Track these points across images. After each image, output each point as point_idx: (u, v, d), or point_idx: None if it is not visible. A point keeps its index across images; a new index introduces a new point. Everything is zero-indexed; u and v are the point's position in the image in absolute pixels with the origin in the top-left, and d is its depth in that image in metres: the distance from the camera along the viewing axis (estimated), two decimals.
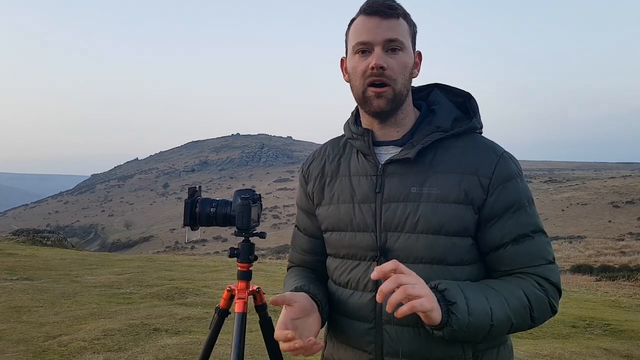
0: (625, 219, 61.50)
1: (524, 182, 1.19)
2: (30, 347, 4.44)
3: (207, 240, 76.25)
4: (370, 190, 1.21)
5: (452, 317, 1.01)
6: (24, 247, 14.40)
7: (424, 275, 1.11)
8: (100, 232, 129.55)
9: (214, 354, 1.77)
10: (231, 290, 1.66)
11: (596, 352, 4.94)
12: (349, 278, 1.23)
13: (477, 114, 1.24)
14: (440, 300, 1.02)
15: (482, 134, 1.26)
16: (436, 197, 1.14)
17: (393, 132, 1.23)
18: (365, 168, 1.23)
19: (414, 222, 1.14)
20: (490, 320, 1.04)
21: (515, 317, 1.08)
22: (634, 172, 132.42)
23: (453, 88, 1.30)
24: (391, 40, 1.14)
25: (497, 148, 1.19)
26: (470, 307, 1.02)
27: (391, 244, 1.17)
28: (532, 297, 1.10)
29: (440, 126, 1.20)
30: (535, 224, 1.16)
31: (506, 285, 1.11)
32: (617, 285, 12.95)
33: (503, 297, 1.07)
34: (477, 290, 1.07)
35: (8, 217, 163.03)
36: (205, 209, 1.57)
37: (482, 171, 1.15)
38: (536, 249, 1.14)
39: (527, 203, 1.16)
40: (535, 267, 1.13)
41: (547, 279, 1.13)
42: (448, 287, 1.04)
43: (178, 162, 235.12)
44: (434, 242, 1.13)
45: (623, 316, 7.19)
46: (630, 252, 31.16)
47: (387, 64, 1.14)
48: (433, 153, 1.19)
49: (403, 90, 1.18)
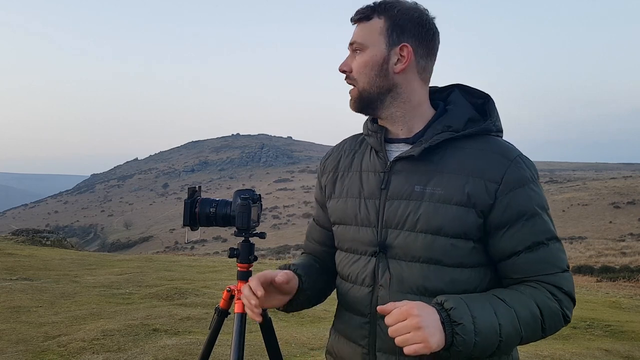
0: (626, 220, 61.49)
1: (539, 188, 1.16)
2: (29, 347, 4.43)
3: (207, 240, 76.25)
4: (377, 187, 1.22)
5: (457, 338, 0.99)
6: (23, 247, 14.39)
7: (420, 274, 1.14)
8: (100, 232, 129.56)
9: (213, 355, 1.76)
10: (231, 291, 1.65)
11: (597, 353, 4.93)
12: (350, 271, 1.26)
13: (494, 116, 1.22)
14: (445, 320, 1.00)
15: (501, 137, 1.23)
16: (439, 198, 1.13)
17: (397, 129, 1.24)
18: (375, 164, 1.25)
19: (414, 220, 1.15)
20: (498, 337, 1.03)
21: (526, 330, 1.06)
22: (634, 172, 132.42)
23: (472, 89, 1.28)
24: (351, 44, 1.23)
25: (510, 152, 1.16)
26: (478, 326, 1.01)
27: (391, 241, 1.17)
28: (544, 309, 1.08)
29: (452, 126, 1.18)
30: (549, 231, 1.14)
31: (518, 296, 1.09)
32: (618, 286, 12.95)
33: (514, 311, 1.05)
34: (486, 304, 1.05)
35: (7, 217, 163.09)
36: (205, 209, 1.57)
37: (489, 175, 1.12)
38: (550, 257, 1.12)
39: (541, 210, 1.13)
40: (549, 275, 1.12)
41: (561, 288, 1.11)
42: (455, 306, 1.02)
43: (178, 162, 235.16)
44: (433, 242, 1.13)
45: (624, 317, 7.18)
46: (631, 253, 31.17)
47: (347, 67, 1.23)
48: (442, 153, 1.18)
49: (370, 88, 1.20)
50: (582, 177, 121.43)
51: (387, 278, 1.18)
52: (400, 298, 1.13)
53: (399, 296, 1.15)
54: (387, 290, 1.18)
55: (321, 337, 4.95)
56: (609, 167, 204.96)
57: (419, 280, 1.14)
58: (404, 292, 1.15)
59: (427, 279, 1.13)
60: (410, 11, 1.19)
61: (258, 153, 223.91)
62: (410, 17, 1.19)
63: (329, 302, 1.47)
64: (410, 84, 1.21)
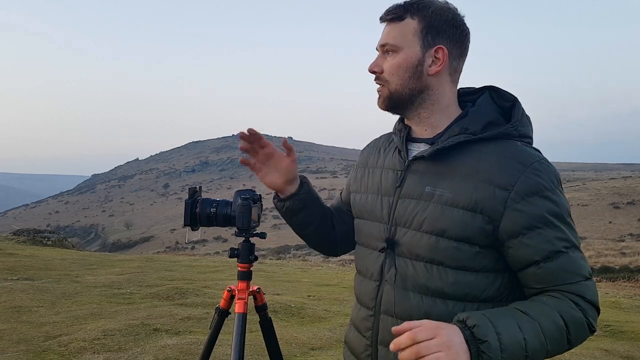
0: (625, 220, 61.44)
1: (558, 195, 1.10)
2: (30, 347, 4.44)
3: (208, 240, 76.19)
4: (393, 185, 1.25)
5: (484, 356, 0.95)
6: (24, 247, 14.39)
7: (424, 273, 1.14)
8: (101, 232, 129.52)
9: (214, 354, 1.77)
10: (231, 291, 1.66)
11: (596, 353, 4.93)
12: (362, 265, 1.31)
13: (516, 119, 1.17)
14: (469, 338, 0.96)
15: (528, 142, 1.18)
16: (446, 200, 1.13)
17: (421, 130, 1.25)
18: (395, 163, 1.28)
19: (421, 220, 1.16)
20: (524, 352, 0.99)
21: (552, 343, 1.02)
22: (634, 173, 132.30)
23: (503, 91, 1.24)
24: (382, 45, 1.21)
25: (527, 158, 1.11)
26: (503, 342, 0.97)
27: (399, 238, 1.20)
28: (569, 320, 1.04)
29: (469, 128, 1.16)
30: (568, 239, 1.09)
31: (541, 308, 1.05)
32: (618, 286, 12.92)
33: (538, 324, 1.02)
34: (510, 318, 1.02)
35: (8, 217, 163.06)
36: (206, 209, 1.58)
37: (499, 182, 1.09)
38: (571, 265, 1.08)
39: (558, 219, 1.08)
40: (571, 284, 1.07)
41: (584, 297, 1.07)
42: (478, 323, 0.97)
43: (178, 162, 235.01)
44: (436, 243, 1.13)
45: (623, 317, 7.18)
46: (631, 253, 31.12)
47: (378, 67, 1.21)
48: (457, 156, 1.16)
49: (402, 89, 1.19)
50: (582, 177, 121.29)
51: (392, 274, 1.19)
52: (404, 295, 1.16)
53: (402, 293, 1.17)
54: (391, 286, 1.19)
55: (321, 337, 4.95)
56: (609, 167, 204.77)
57: (421, 280, 1.14)
58: (407, 289, 1.16)
59: (430, 279, 1.14)
60: (444, 11, 1.17)
61: None
62: (445, 18, 1.17)
63: (328, 302, 1.48)
64: (442, 85, 1.20)
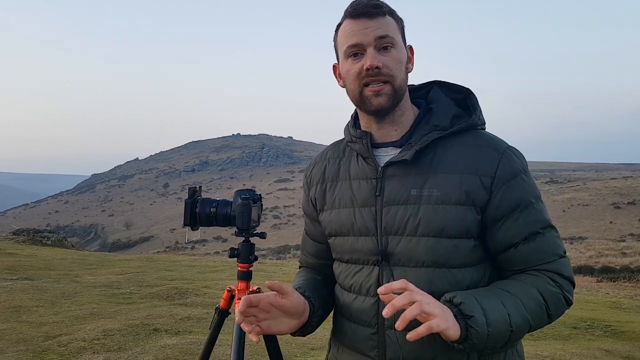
0: (626, 220, 61.49)
1: (530, 177, 1.16)
2: (30, 347, 4.44)
3: (207, 240, 76.26)
4: (370, 194, 1.20)
5: (471, 330, 0.99)
6: (24, 247, 14.40)
7: (426, 279, 1.12)
8: (101, 232, 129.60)
9: (214, 354, 1.76)
10: (231, 291, 1.66)
11: (597, 354, 4.93)
12: (352, 282, 1.23)
13: (477, 109, 1.21)
14: (457, 315, 1.00)
15: (485, 129, 1.23)
16: (437, 199, 1.12)
17: (391, 131, 1.22)
18: (365, 171, 1.22)
19: (415, 225, 1.13)
20: (509, 327, 1.03)
21: (533, 318, 1.07)
22: (635, 173, 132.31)
23: (452, 84, 1.27)
24: (382, 37, 1.13)
25: (499, 144, 1.16)
26: (489, 317, 1.01)
27: (392, 248, 1.15)
28: (547, 295, 1.09)
29: (439, 125, 1.17)
30: (544, 220, 1.14)
31: (520, 285, 1.10)
32: (618, 286, 12.92)
33: (519, 300, 1.06)
34: (493, 296, 1.06)
35: (8, 216, 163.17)
36: (206, 209, 1.57)
37: (483, 170, 1.13)
38: (547, 245, 1.13)
39: (534, 200, 1.14)
40: (548, 263, 1.13)
41: (561, 274, 1.13)
42: (464, 300, 1.02)
43: (178, 162, 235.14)
44: (436, 245, 1.12)
45: (624, 317, 7.18)
46: (632, 253, 31.16)
47: (381, 62, 1.13)
48: (432, 153, 1.16)
49: (402, 85, 1.18)
50: (583, 177, 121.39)
51: None
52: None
53: None
54: None
55: (321, 337, 4.94)
56: (610, 167, 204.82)
57: (425, 285, 1.10)
58: None
59: (433, 282, 1.11)
60: None
61: (258, 153, 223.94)
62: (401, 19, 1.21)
63: None
64: (407, 84, 1.21)
